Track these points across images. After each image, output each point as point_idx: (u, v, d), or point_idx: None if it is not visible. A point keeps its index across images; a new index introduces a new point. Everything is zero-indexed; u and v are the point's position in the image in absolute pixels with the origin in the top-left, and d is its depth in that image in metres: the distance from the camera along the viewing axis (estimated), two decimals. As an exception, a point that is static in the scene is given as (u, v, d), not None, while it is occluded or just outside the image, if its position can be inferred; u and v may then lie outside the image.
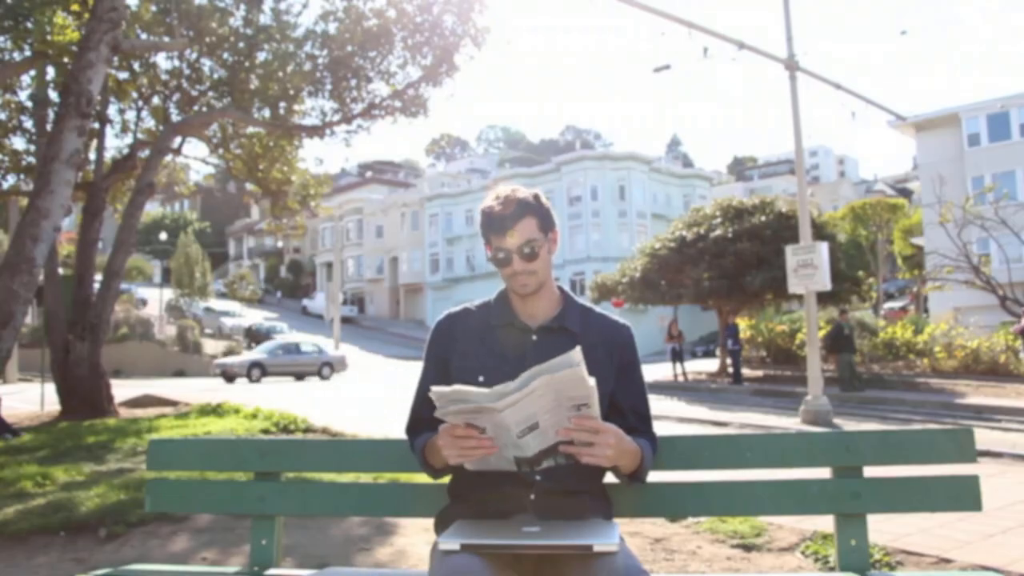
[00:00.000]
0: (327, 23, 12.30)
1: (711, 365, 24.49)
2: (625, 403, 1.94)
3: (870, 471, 2.05)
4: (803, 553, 3.77)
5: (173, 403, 12.34)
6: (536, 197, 1.91)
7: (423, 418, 1.90)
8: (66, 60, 9.31)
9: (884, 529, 3.89)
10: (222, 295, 50.68)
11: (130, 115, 13.25)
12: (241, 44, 12.55)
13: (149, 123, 13.52)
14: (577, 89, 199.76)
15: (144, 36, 11.96)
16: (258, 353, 25.95)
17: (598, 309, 2.03)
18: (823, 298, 17.86)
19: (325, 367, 25.66)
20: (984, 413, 12.77)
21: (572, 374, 1.55)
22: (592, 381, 1.59)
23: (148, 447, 2.34)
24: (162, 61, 13.16)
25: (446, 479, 1.96)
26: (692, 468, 2.09)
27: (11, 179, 13.07)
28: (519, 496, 1.79)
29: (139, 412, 11.09)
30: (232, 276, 57.21)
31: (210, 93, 13.03)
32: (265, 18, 12.79)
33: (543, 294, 1.93)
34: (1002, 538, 3.85)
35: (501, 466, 1.72)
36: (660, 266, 21.22)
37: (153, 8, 11.96)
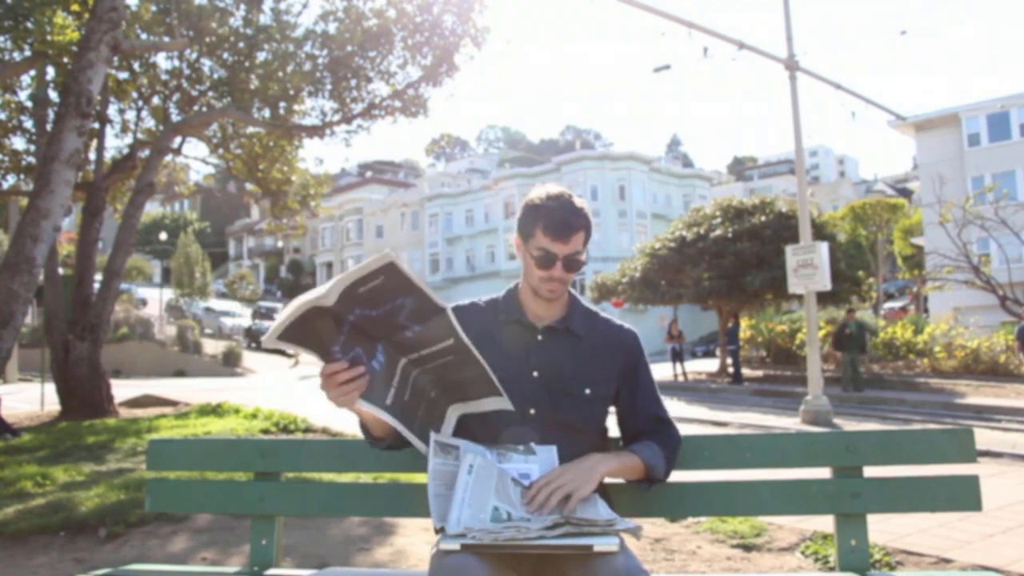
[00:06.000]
0: (327, 23, 12.30)
1: (711, 365, 24.50)
2: (637, 408, 1.95)
3: (870, 471, 2.05)
4: (803, 553, 3.77)
5: (173, 403, 12.34)
6: (587, 209, 1.88)
7: None
8: (66, 60, 9.31)
9: (884, 529, 3.89)
10: (222, 295, 50.67)
11: (130, 115, 13.25)
12: (241, 44, 12.54)
13: (149, 123, 13.52)
14: (577, 89, 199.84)
15: (144, 36, 11.96)
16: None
17: (604, 313, 2.04)
18: (823, 298, 17.86)
19: None
20: (984, 413, 12.77)
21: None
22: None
23: (148, 447, 2.34)
24: (162, 61, 13.17)
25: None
26: (692, 468, 2.08)
27: (11, 179, 13.07)
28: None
29: (139, 412, 11.09)
30: (232, 276, 57.19)
31: (210, 93, 13.02)
32: (265, 18, 12.80)
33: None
34: (1002, 538, 3.85)
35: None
36: (660, 266, 21.22)
37: (153, 8, 11.96)
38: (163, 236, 50.03)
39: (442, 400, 1.78)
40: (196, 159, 16.21)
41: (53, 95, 11.05)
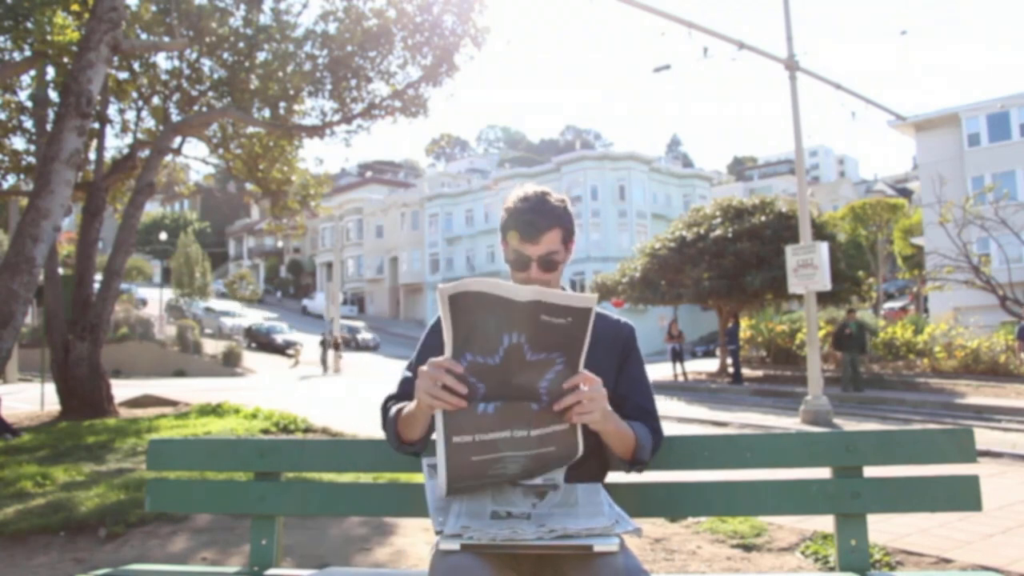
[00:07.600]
0: (327, 23, 12.30)
1: (711, 365, 24.50)
2: (627, 398, 1.93)
3: (870, 471, 2.05)
4: (803, 553, 3.77)
5: (173, 403, 12.34)
6: (565, 206, 1.87)
7: (403, 396, 1.94)
8: (66, 60, 9.31)
9: (884, 529, 3.89)
10: (222, 295, 50.69)
11: (130, 115, 13.26)
12: (241, 44, 12.55)
13: (149, 123, 13.53)
14: (577, 89, 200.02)
15: (144, 36, 11.96)
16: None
17: (600, 309, 2.02)
18: (823, 298, 17.87)
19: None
20: (984, 413, 12.77)
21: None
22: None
23: (148, 447, 2.34)
24: (162, 61, 13.17)
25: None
26: (692, 468, 2.08)
27: (11, 179, 13.07)
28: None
29: (139, 412, 11.09)
30: (232, 276, 57.20)
31: (210, 93, 13.02)
32: (265, 18, 12.80)
33: None
34: (1002, 538, 3.85)
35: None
36: (660, 266, 21.22)
37: (153, 8, 11.97)
38: (163, 236, 50.06)
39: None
40: (196, 159, 16.24)
41: (53, 95, 11.05)
